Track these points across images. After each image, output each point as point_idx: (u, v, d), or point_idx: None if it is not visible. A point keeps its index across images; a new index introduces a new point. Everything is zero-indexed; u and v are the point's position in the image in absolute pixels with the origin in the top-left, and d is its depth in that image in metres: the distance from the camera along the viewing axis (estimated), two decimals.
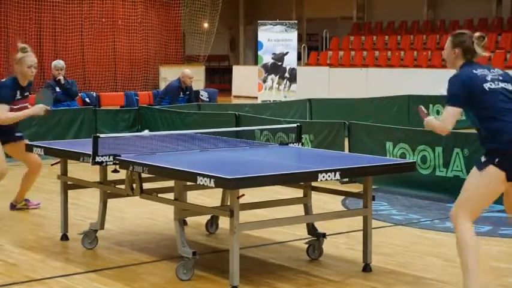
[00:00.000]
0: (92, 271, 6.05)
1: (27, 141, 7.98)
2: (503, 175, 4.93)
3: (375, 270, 6.01)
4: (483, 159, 5.02)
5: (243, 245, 6.39)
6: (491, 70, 5.14)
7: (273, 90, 22.16)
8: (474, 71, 5.08)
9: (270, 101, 20.32)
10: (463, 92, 5.02)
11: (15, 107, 7.98)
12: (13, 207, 8.53)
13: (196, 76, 18.29)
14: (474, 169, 5.07)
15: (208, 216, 7.26)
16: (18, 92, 8.01)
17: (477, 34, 5.20)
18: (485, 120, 5.01)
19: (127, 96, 17.92)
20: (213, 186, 5.17)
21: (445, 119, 5.14)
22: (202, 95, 17.59)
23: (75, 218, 7.65)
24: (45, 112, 7.96)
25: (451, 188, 8.98)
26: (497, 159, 4.93)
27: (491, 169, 4.94)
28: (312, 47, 30.21)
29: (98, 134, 6.26)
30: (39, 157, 8.12)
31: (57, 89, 14.11)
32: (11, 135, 8.15)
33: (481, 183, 5.00)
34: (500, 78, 5.10)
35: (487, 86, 5.01)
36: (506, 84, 5.08)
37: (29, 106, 8.11)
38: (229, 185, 5.15)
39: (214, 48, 28.39)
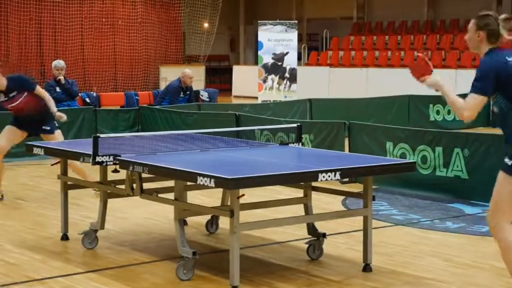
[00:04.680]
0: (92, 271, 6.05)
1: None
2: None
3: (375, 270, 6.01)
4: (509, 161, 4.82)
5: (243, 245, 6.39)
6: None
7: (273, 90, 22.15)
8: (507, 57, 4.84)
9: (270, 101, 20.31)
10: (493, 79, 4.75)
11: (9, 106, 8.77)
12: None
13: (196, 76, 18.28)
14: (502, 173, 4.87)
15: (209, 216, 7.26)
16: (2, 96, 8.71)
17: (503, 16, 4.97)
18: None
19: (127, 96, 17.92)
20: (213, 186, 5.17)
21: (471, 107, 4.78)
22: (202, 95, 17.59)
23: (75, 218, 7.65)
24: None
25: (451, 188, 9.00)
26: None
27: None
28: (312, 47, 30.20)
29: (98, 134, 6.26)
30: None
31: (58, 89, 14.12)
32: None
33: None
34: None
35: None
36: None
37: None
38: (229, 185, 5.15)
39: (215, 48, 28.38)
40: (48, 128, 8.95)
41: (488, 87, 4.80)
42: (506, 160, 4.86)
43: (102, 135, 6.27)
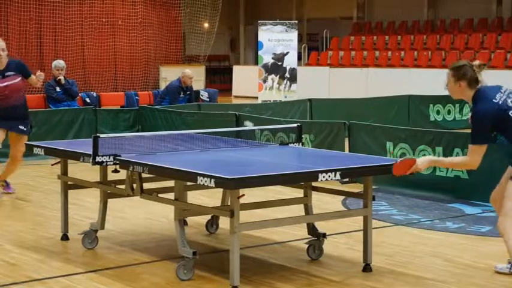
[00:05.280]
0: (92, 271, 6.06)
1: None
2: None
3: (375, 270, 6.01)
4: None
5: (243, 245, 6.39)
6: (503, 91, 5.11)
7: (273, 90, 22.15)
8: (494, 100, 5.04)
9: (270, 101, 20.31)
10: (489, 127, 5.01)
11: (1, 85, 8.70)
12: None
13: (196, 76, 18.28)
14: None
15: (209, 216, 7.26)
16: None
17: (477, 63, 5.15)
18: None
19: (127, 96, 17.91)
20: (213, 186, 5.17)
21: (477, 157, 5.10)
22: (202, 95, 17.58)
23: (75, 218, 7.66)
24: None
25: (451, 188, 8.99)
26: None
27: None
28: (312, 47, 30.20)
29: (98, 134, 6.26)
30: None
31: (58, 89, 14.13)
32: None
33: None
34: None
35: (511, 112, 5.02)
36: None
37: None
38: (229, 185, 5.15)
39: (215, 48, 28.38)
40: (24, 128, 8.91)
41: (487, 135, 5.05)
42: None
43: (102, 135, 6.27)
